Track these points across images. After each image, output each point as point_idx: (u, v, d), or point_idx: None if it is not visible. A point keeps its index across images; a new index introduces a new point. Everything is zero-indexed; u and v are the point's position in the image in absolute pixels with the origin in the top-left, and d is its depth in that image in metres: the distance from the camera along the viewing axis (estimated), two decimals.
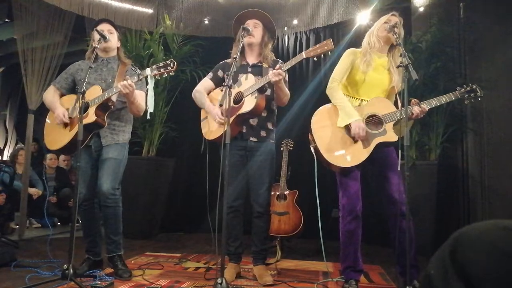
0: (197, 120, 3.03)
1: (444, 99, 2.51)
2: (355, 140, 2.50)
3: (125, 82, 2.66)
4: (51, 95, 3.00)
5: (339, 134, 2.53)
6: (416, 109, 2.48)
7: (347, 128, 2.52)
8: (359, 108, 2.56)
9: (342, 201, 2.56)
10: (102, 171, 2.84)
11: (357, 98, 2.62)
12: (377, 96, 2.58)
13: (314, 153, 2.56)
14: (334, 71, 2.64)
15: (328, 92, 2.63)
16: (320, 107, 2.66)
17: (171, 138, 4.96)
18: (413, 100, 2.53)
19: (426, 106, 2.49)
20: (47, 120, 3.04)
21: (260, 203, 2.84)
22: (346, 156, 2.48)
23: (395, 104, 2.59)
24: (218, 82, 2.98)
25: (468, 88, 2.54)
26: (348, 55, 2.64)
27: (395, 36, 2.47)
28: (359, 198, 2.53)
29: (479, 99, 2.56)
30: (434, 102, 2.50)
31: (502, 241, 0.57)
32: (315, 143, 2.55)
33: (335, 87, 2.60)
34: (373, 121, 2.52)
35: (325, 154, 2.51)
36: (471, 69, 4.13)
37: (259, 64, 2.90)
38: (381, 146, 2.48)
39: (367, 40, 2.62)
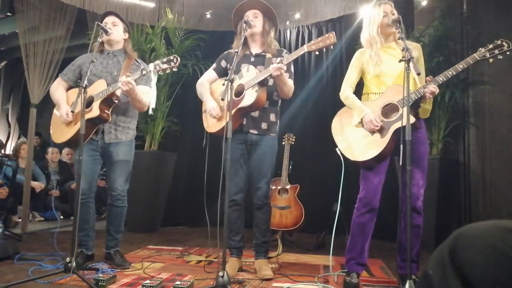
0: (199, 114, 3.02)
1: (461, 66, 2.37)
2: (372, 133, 2.51)
3: (124, 79, 2.65)
4: (55, 88, 3.01)
5: (356, 131, 2.57)
6: (428, 89, 2.37)
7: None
8: (374, 102, 2.56)
9: (360, 193, 2.58)
10: (114, 173, 2.92)
11: (378, 93, 2.59)
12: (388, 86, 2.54)
13: (340, 154, 2.62)
14: (346, 76, 2.71)
15: (341, 97, 2.70)
16: (338, 112, 2.72)
17: (173, 132, 4.97)
18: (428, 78, 2.44)
19: (442, 78, 2.38)
20: (55, 112, 3.01)
21: (258, 196, 2.85)
22: (365, 150, 2.51)
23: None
24: (222, 73, 2.97)
25: (491, 46, 2.34)
26: (355, 58, 2.69)
27: (397, 30, 2.44)
28: (377, 192, 2.54)
29: (508, 53, 2.31)
30: (450, 73, 2.38)
31: (500, 242, 0.58)
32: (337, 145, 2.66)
33: (344, 92, 2.68)
34: (390, 109, 2.50)
35: (346, 154, 2.58)
36: (474, 64, 4.09)
37: (262, 53, 2.89)
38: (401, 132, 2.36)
39: (368, 41, 2.61)
